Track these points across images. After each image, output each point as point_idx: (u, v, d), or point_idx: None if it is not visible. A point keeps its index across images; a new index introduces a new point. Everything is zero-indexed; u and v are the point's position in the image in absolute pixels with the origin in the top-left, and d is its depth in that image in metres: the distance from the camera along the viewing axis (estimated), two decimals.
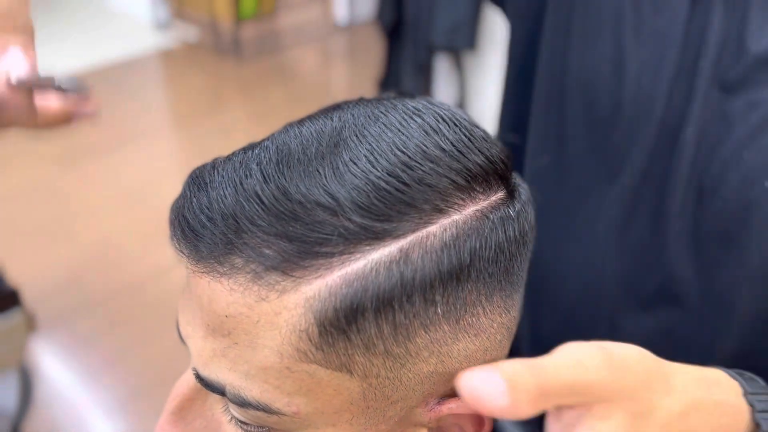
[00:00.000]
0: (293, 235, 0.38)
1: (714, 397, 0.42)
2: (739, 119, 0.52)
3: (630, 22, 0.56)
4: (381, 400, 0.41)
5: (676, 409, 0.40)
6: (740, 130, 0.52)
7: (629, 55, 0.56)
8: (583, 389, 0.37)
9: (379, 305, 0.38)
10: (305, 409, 0.40)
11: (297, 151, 0.41)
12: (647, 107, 0.56)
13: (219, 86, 3.82)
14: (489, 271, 0.41)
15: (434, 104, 0.46)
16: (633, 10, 0.56)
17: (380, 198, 0.39)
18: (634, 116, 0.57)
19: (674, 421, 0.40)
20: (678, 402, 0.40)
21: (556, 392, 0.36)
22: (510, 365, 0.35)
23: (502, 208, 0.43)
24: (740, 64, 0.52)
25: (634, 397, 0.38)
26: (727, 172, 0.52)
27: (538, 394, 0.35)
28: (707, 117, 0.53)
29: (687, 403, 0.41)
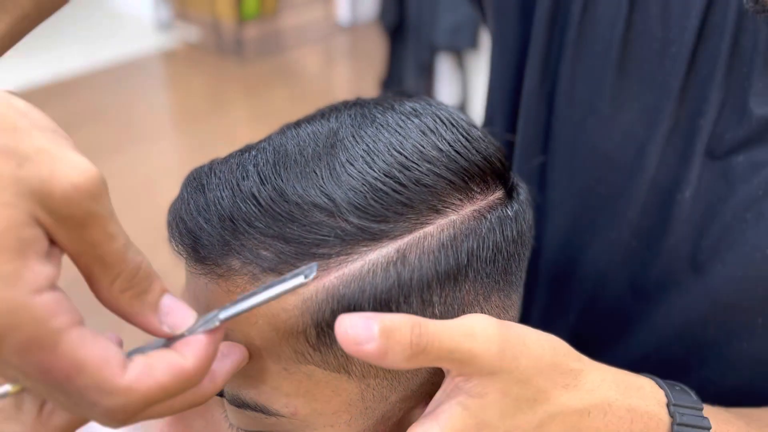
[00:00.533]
0: (290, 237, 0.38)
1: (629, 401, 0.42)
2: (741, 179, 0.49)
3: (626, 67, 0.52)
4: (379, 401, 0.41)
5: (573, 405, 0.40)
6: (743, 192, 0.49)
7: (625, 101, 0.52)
8: (463, 356, 0.37)
9: (377, 306, 0.38)
10: (303, 410, 0.40)
11: (294, 153, 0.41)
12: (639, 162, 0.53)
13: (221, 86, 3.82)
14: (486, 272, 0.41)
15: (432, 104, 0.46)
16: (628, 52, 0.52)
17: (377, 199, 0.39)
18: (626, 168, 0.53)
19: (569, 416, 0.40)
20: (579, 399, 0.40)
21: (435, 352, 0.36)
22: (392, 317, 0.35)
23: (499, 208, 0.43)
24: (742, 124, 0.49)
25: (523, 382, 0.38)
26: (729, 235, 0.50)
27: (413, 350, 0.35)
28: (706, 176, 0.51)
29: (591, 402, 0.41)
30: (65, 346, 0.29)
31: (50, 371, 0.28)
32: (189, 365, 0.32)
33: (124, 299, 0.33)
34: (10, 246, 0.28)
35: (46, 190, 0.29)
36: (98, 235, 0.31)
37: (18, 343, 0.28)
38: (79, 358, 0.29)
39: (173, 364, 0.32)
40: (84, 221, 0.30)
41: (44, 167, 0.29)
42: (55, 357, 0.28)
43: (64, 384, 0.29)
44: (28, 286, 0.28)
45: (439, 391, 0.39)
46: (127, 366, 0.31)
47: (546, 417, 0.39)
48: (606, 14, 0.51)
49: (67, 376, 0.29)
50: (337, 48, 4.50)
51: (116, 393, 0.30)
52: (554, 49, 0.54)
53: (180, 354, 0.33)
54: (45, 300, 0.28)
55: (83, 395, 0.29)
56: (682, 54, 0.49)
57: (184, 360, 0.32)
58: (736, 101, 0.49)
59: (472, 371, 0.37)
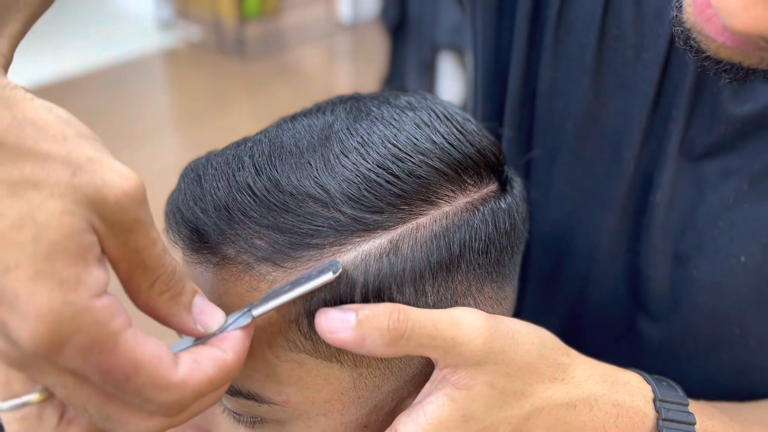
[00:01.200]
0: (285, 227, 0.39)
1: (615, 396, 0.42)
2: (712, 187, 0.49)
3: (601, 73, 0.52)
4: (372, 390, 0.42)
5: (559, 398, 0.40)
6: (714, 199, 0.49)
7: (602, 108, 0.52)
8: (446, 344, 0.38)
9: (369, 297, 0.39)
10: (295, 398, 0.41)
11: (289, 145, 0.42)
12: (615, 167, 0.53)
13: (223, 86, 3.82)
14: (479, 263, 0.42)
15: (427, 99, 0.46)
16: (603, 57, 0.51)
17: (371, 190, 0.39)
18: (602, 170, 0.54)
19: (553, 409, 0.40)
20: (565, 393, 0.41)
21: (414, 338, 0.37)
22: (372, 305, 0.38)
23: (492, 200, 0.43)
24: (712, 130, 0.49)
25: (509, 375, 0.39)
26: (703, 242, 0.50)
27: (392, 335, 0.37)
28: (678, 181, 0.51)
29: (578, 396, 0.41)
30: (124, 346, 0.30)
31: (110, 371, 0.29)
32: (230, 359, 0.34)
33: (162, 301, 0.34)
34: (72, 252, 0.28)
35: (100, 197, 0.30)
36: (143, 240, 0.32)
37: (81, 345, 0.28)
38: (137, 357, 0.30)
39: (217, 358, 0.34)
40: (131, 227, 0.31)
41: (96, 176, 0.30)
42: (115, 358, 0.29)
43: (123, 383, 0.30)
44: (90, 291, 0.29)
45: (428, 382, 0.40)
46: (178, 362, 0.32)
47: (532, 410, 0.40)
48: (581, 19, 0.51)
49: (126, 375, 0.30)
50: (338, 47, 4.50)
51: (172, 388, 0.31)
52: (535, 52, 0.55)
53: (220, 349, 0.35)
54: (104, 303, 0.29)
55: (141, 393, 0.31)
56: (655, 60, 0.49)
57: (225, 354, 0.34)
58: (705, 107, 0.49)
59: (458, 362, 0.38)
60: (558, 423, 0.41)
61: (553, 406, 0.40)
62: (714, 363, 0.52)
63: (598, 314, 0.58)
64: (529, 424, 0.40)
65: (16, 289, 0.27)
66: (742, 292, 0.48)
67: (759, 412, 0.49)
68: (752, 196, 0.48)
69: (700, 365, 0.52)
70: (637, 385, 0.44)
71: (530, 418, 0.40)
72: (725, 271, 0.49)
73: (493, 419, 0.39)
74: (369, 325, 0.37)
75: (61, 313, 0.28)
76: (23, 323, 0.27)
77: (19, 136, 0.29)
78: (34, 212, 0.28)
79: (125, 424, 0.32)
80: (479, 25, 0.57)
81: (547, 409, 0.40)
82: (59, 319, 0.28)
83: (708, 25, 0.34)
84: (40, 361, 0.29)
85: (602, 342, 0.56)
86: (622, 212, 0.53)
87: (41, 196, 0.28)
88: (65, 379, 0.30)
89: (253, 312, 0.37)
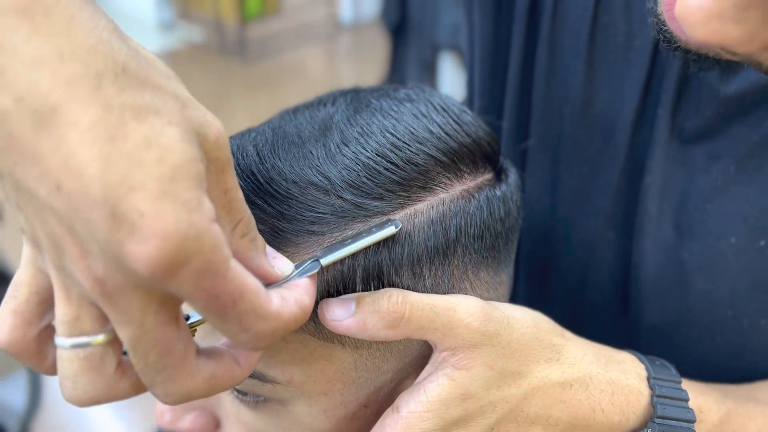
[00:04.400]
0: (288, 214, 0.40)
1: (610, 375, 0.44)
2: (701, 170, 0.51)
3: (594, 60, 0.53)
4: (372, 371, 0.43)
5: (555, 378, 0.42)
6: (703, 182, 0.51)
7: (594, 92, 0.54)
8: (444, 326, 0.39)
9: (369, 279, 0.40)
10: (298, 377, 0.42)
11: (291, 134, 0.43)
12: (610, 151, 0.54)
13: (224, 86, 3.83)
14: (475, 248, 0.43)
15: (426, 91, 0.48)
16: (595, 45, 0.53)
17: (370, 177, 0.40)
18: (596, 156, 0.55)
19: (550, 389, 0.42)
20: (561, 373, 0.42)
21: (414, 320, 0.39)
22: (371, 292, 0.40)
23: (488, 188, 0.44)
24: (700, 112, 0.50)
25: (507, 356, 0.41)
26: (693, 225, 0.51)
27: (393, 317, 0.39)
28: (668, 166, 0.52)
29: (573, 375, 0.42)
30: (233, 272, 0.30)
31: (220, 296, 0.30)
32: (308, 301, 0.35)
33: (244, 244, 0.34)
34: (193, 176, 0.29)
35: (203, 133, 0.31)
36: (231, 181, 0.33)
37: (199, 267, 0.28)
38: (244, 284, 0.31)
39: (298, 298, 0.35)
40: (224, 167, 0.32)
41: (199, 113, 0.31)
42: (226, 283, 0.30)
43: (230, 308, 0.30)
44: (209, 215, 0.29)
45: (429, 364, 0.42)
46: (270, 297, 0.33)
47: (529, 390, 0.41)
48: (574, 7, 0.53)
49: (233, 301, 0.30)
50: (339, 47, 4.51)
51: (269, 318, 0.32)
52: (532, 42, 0.56)
53: (300, 293, 0.35)
54: (218, 229, 0.29)
55: (242, 320, 0.31)
56: (646, 47, 0.50)
57: (305, 298, 0.35)
58: (692, 92, 0.50)
59: (455, 344, 0.40)
60: (554, 402, 0.42)
61: (550, 385, 0.42)
62: (708, 345, 0.53)
63: (593, 299, 0.59)
64: (526, 404, 0.41)
65: (142, 207, 0.27)
66: (734, 273, 0.50)
67: (753, 391, 0.50)
68: (739, 178, 0.49)
69: (694, 348, 0.53)
70: (630, 364, 0.45)
71: (527, 398, 0.41)
72: (716, 254, 0.50)
73: (491, 398, 0.40)
74: (369, 310, 0.39)
75: (187, 232, 0.27)
76: (145, 243, 0.27)
77: (138, 66, 0.30)
78: (158, 135, 0.28)
79: (175, 380, 0.32)
80: (477, 18, 0.58)
81: (544, 388, 0.42)
82: (185, 238, 0.27)
83: (673, 23, 0.36)
84: (139, 283, 0.29)
85: (598, 327, 0.57)
86: (616, 197, 0.55)
87: (162, 122, 0.29)
88: (146, 316, 0.30)
89: (322, 261, 0.38)
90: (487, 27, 0.58)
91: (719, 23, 0.30)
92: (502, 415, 0.41)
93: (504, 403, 0.41)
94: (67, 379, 0.33)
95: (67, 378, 0.33)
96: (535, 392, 0.41)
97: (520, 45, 0.56)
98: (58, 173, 0.27)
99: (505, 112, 0.59)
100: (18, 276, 0.34)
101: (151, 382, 0.32)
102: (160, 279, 0.28)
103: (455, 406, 0.40)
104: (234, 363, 0.35)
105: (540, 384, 0.42)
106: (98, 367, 0.33)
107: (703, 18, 0.31)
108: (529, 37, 0.56)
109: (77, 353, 0.32)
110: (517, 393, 0.41)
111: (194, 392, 0.33)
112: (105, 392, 0.33)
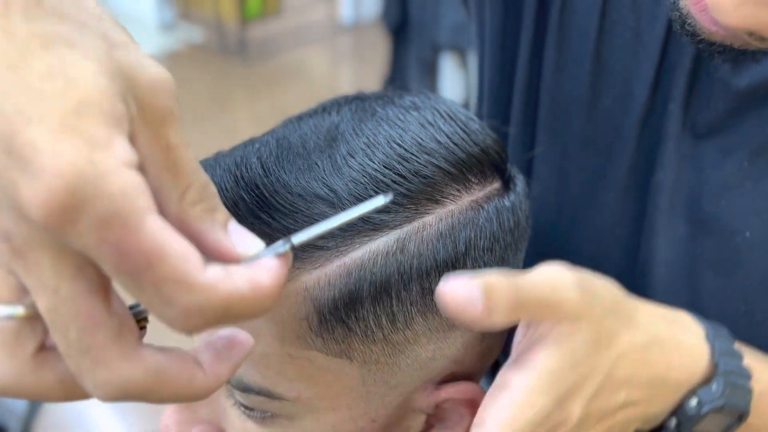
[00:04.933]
0: (293, 228, 0.39)
1: (676, 335, 0.44)
2: (713, 165, 0.51)
3: (603, 56, 0.53)
4: (380, 386, 0.42)
5: (638, 341, 0.42)
6: (715, 177, 0.51)
7: (603, 87, 0.54)
8: (553, 305, 0.38)
9: (377, 294, 0.39)
10: (306, 394, 0.41)
11: (296, 145, 0.43)
12: (619, 146, 0.54)
13: (225, 87, 3.83)
14: (484, 260, 0.42)
15: (431, 98, 0.47)
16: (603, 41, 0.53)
17: (377, 190, 0.40)
18: (604, 151, 0.55)
19: (634, 353, 0.42)
20: (641, 336, 0.42)
21: (529, 305, 0.38)
22: (488, 276, 0.36)
23: (496, 198, 0.44)
24: (712, 106, 0.50)
25: (598, 323, 0.40)
26: (706, 220, 0.51)
27: (513, 306, 0.36)
28: (679, 161, 0.52)
29: (649, 337, 0.43)
30: (149, 228, 0.26)
31: (130, 254, 0.25)
32: (266, 282, 0.29)
33: (195, 212, 0.29)
34: (105, 112, 0.25)
35: (134, 75, 0.27)
36: (174, 137, 0.29)
37: (100, 214, 0.24)
38: (162, 244, 0.26)
39: (252, 276, 0.29)
40: (164, 118, 0.28)
41: (132, 56, 0.28)
42: (138, 238, 0.25)
43: (143, 271, 0.26)
44: (119, 157, 0.25)
45: (521, 342, 0.41)
46: (206, 268, 0.27)
47: (620, 353, 0.41)
48: (583, 3, 0.53)
49: (148, 262, 0.26)
50: (340, 48, 4.51)
51: (197, 290, 0.27)
52: (540, 40, 0.56)
53: (255, 270, 0.30)
54: (133, 176, 0.25)
55: (160, 288, 0.26)
56: (654, 42, 0.50)
57: (261, 275, 0.29)
58: (704, 86, 0.50)
59: (561, 317, 0.39)
60: (638, 365, 0.42)
61: (633, 349, 0.42)
62: None
63: None
64: (616, 369, 0.41)
65: (36, 142, 0.24)
66: (747, 268, 0.50)
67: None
68: (753, 173, 0.49)
69: None
70: (690, 324, 0.46)
71: (617, 363, 0.41)
72: (730, 249, 0.50)
73: (592, 365, 0.40)
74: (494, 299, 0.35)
75: (84, 170, 0.24)
76: (37, 182, 0.24)
77: (57, 1, 0.27)
78: (66, 67, 0.25)
79: (106, 365, 0.27)
80: (488, 18, 0.58)
81: (630, 352, 0.42)
82: (81, 177, 0.24)
83: (701, 15, 0.36)
84: (45, 237, 0.25)
85: None
86: (625, 193, 0.55)
87: (75, 55, 0.26)
88: (62, 281, 0.26)
89: (294, 240, 0.32)
90: (496, 23, 0.58)
91: (753, 8, 0.31)
92: (599, 383, 0.40)
93: (602, 367, 0.40)
94: None
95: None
96: (624, 356, 0.41)
97: (529, 40, 0.56)
98: None
99: (513, 108, 0.59)
100: None
101: (77, 367, 0.27)
102: (56, 225, 0.24)
103: (566, 377, 0.39)
104: (194, 364, 0.30)
105: (627, 348, 0.42)
106: (11, 345, 0.28)
107: (734, 3, 0.31)
108: (537, 32, 0.56)
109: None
110: (611, 356, 0.41)
111: (133, 385, 0.28)
112: (15, 378, 0.29)
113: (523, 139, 0.59)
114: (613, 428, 0.43)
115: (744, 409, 0.45)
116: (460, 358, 0.44)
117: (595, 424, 0.42)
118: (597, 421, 0.42)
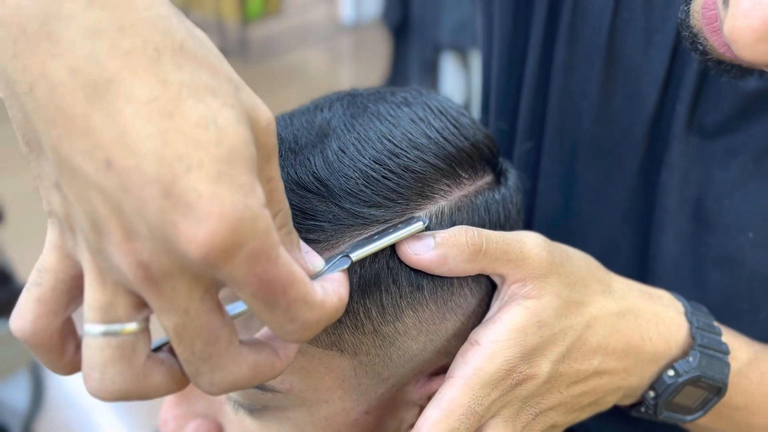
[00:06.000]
0: None
1: (654, 308, 0.46)
2: (719, 166, 0.51)
3: (613, 56, 0.53)
4: (372, 378, 0.43)
5: (611, 308, 0.44)
6: (721, 177, 0.51)
7: (614, 89, 0.54)
8: (516, 257, 0.41)
9: (366, 288, 0.40)
10: (298, 386, 0.42)
11: (289, 140, 0.43)
12: (627, 146, 0.54)
13: None
14: None
15: (423, 94, 0.47)
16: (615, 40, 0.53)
17: (368, 185, 0.40)
18: (614, 151, 0.55)
19: (607, 318, 0.43)
20: (615, 304, 0.44)
21: (490, 252, 0.40)
22: (444, 230, 0.40)
23: (487, 192, 0.44)
24: (719, 107, 0.51)
25: (570, 286, 0.42)
26: (711, 219, 0.52)
27: (472, 249, 0.40)
28: (686, 161, 0.52)
29: (625, 306, 0.44)
30: (283, 259, 0.29)
31: (271, 282, 0.29)
32: (345, 293, 0.34)
33: (281, 235, 0.33)
34: (246, 159, 0.28)
35: (255, 117, 0.30)
36: (274, 171, 0.32)
37: (252, 251, 0.27)
38: (293, 271, 0.30)
39: (337, 290, 0.34)
40: (270, 154, 0.31)
41: (250, 97, 0.31)
42: (277, 269, 0.29)
43: (280, 295, 0.29)
44: (261, 199, 0.28)
45: (496, 301, 0.43)
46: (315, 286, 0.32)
47: (591, 318, 0.43)
48: (595, 2, 0.53)
49: (283, 288, 0.29)
50: (341, 47, 4.51)
51: (316, 307, 0.31)
52: (551, 37, 0.56)
53: (335, 285, 0.34)
54: (267, 214, 0.28)
55: (290, 308, 0.30)
56: (666, 43, 0.50)
57: (342, 290, 0.34)
58: (712, 87, 0.50)
59: (525, 275, 0.41)
60: (612, 331, 0.43)
61: (607, 315, 0.43)
62: None
63: None
64: (589, 332, 0.43)
65: (199, 188, 0.26)
66: (751, 267, 0.51)
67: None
68: (758, 174, 0.50)
69: None
70: (669, 300, 0.48)
71: (590, 327, 0.43)
72: (734, 248, 0.51)
73: (561, 326, 0.42)
74: (449, 243, 0.40)
75: (243, 215, 0.27)
76: (200, 225, 0.26)
77: (195, 45, 0.29)
78: (215, 116, 0.28)
79: (222, 368, 0.31)
80: (497, 11, 0.58)
81: (603, 317, 0.43)
82: (241, 221, 0.27)
83: (713, 36, 0.37)
84: (185, 268, 0.28)
85: None
86: (633, 192, 0.55)
87: (218, 103, 0.28)
88: (192, 302, 0.29)
89: (352, 256, 0.38)
90: (506, 20, 0.58)
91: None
92: (571, 344, 0.42)
93: (572, 331, 0.42)
94: (95, 370, 0.31)
95: (95, 368, 0.31)
96: (595, 321, 0.43)
97: (539, 39, 0.56)
98: (109, 148, 0.26)
99: (521, 107, 0.59)
100: (42, 262, 0.32)
101: (196, 372, 0.31)
102: (214, 263, 0.27)
103: (532, 333, 0.41)
104: (274, 354, 0.34)
105: (599, 313, 0.43)
106: (129, 358, 0.31)
107: (753, 39, 0.31)
108: (548, 31, 0.56)
109: (108, 341, 0.30)
110: (581, 321, 0.42)
111: (240, 381, 0.32)
112: (133, 385, 0.31)
113: (531, 138, 0.59)
114: (588, 394, 0.44)
115: (721, 383, 0.46)
116: (452, 350, 0.44)
117: (567, 386, 0.43)
118: (569, 384, 0.43)
